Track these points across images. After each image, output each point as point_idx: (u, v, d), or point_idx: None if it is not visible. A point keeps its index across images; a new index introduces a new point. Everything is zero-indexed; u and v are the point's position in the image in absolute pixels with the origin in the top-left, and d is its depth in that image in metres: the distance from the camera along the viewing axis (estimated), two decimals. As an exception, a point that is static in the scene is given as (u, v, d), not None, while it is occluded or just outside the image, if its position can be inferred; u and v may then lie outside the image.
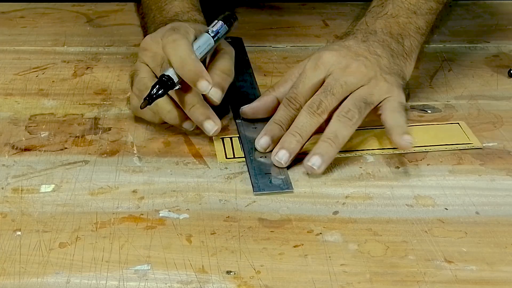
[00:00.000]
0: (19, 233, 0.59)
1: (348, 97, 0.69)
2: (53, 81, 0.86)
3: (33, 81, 0.86)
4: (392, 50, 0.75)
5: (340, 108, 0.69)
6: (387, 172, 0.68)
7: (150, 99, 0.68)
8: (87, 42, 0.98)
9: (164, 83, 0.68)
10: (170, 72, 0.69)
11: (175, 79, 0.69)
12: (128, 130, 0.75)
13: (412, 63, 0.77)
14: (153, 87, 0.68)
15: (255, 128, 0.73)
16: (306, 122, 0.68)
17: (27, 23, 1.04)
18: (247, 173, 0.67)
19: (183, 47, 0.69)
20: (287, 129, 0.69)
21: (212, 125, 0.70)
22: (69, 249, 0.57)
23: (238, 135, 0.73)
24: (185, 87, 0.70)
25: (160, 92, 0.68)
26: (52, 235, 0.59)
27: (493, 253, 0.57)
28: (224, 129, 0.75)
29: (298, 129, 0.68)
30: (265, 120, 0.72)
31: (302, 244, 0.58)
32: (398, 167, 0.68)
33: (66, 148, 0.72)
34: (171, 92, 0.70)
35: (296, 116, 0.69)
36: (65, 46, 0.96)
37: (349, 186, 0.66)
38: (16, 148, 0.71)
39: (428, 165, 0.69)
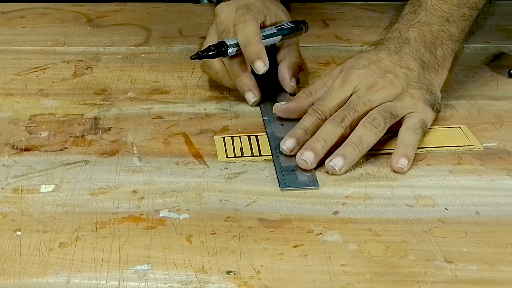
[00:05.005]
0: (19, 233, 0.59)
1: (375, 108, 0.71)
2: (53, 81, 0.86)
3: (33, 81, 0.86)
4: (424, 62, 0.75)
5: (367, 116, 0.70)
6: (387, 172, 0.68)
7: (201, 55, 0.77)
8: (87, 42, 0.98)
9: (219, 48, 0.77)
10: (230, 42, 0.77)
11: (230, 50, 0.77)
12: (128, 130, 0.75)
13: (444, 72, 0.78)
14: (209, 46, 0.77)
15: (282, 125, 0.75)
16: (331, 130, 0.69)
17: (27, 23, 1.04)
18: (248, 173, 0.67)
19: (250, 28, 0.77)
20: (311, 136, 0.69)
21: (252, 96, 0.79)
22: (69, 249, 0.57)
23: (238, 135, 0.73)
24: (236, 59, 0.78)
25: (210, 53, 0.77)
26: (52, 235, 0.59)
27: (493, 253, 0.57)
28: (224, 128, 0.75)
29: (323, 135, 0.68)
30: (292, 119, 0.75)
31: (302, 244, 0.58)
32: (398, 167, 0.68)
33: (66, 148, 0.72)
34: (226, 62, 0.79)
35: (321, 125, 0.70)
36: (65, 46, 0.96)
37: (349, 186, 0.66)
38: (16, 148, 0.71)
39: (428, 165, 0.69)
